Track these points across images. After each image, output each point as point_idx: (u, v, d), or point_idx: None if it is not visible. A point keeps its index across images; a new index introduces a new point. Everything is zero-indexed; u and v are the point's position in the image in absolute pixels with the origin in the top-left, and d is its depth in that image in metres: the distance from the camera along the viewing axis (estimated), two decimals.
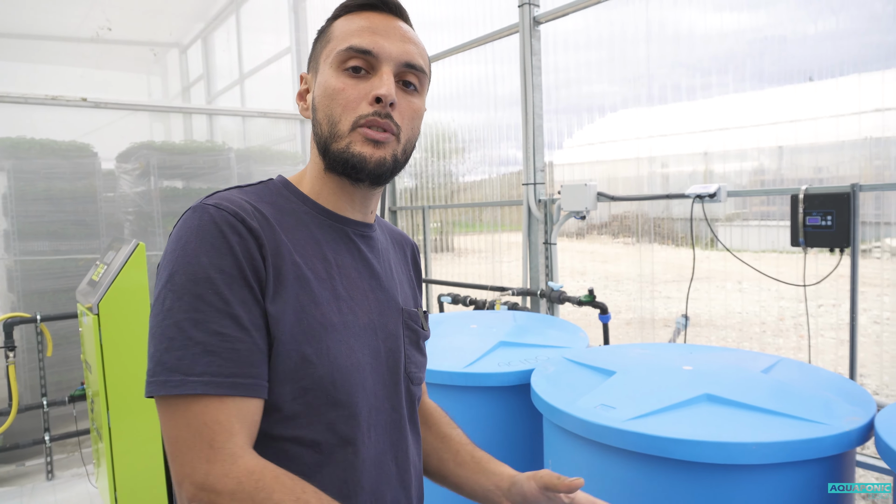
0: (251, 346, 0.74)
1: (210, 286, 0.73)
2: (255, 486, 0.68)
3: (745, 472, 1.34)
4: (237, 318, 0.74)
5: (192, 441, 0.70)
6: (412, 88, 0.89)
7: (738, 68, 3.02)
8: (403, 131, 0.88)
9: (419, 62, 0.89)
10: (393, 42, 0.86)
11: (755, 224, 3.20)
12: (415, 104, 0.90)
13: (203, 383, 0.70)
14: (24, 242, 4.01)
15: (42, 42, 4.60)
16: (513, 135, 4.32)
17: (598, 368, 1.86)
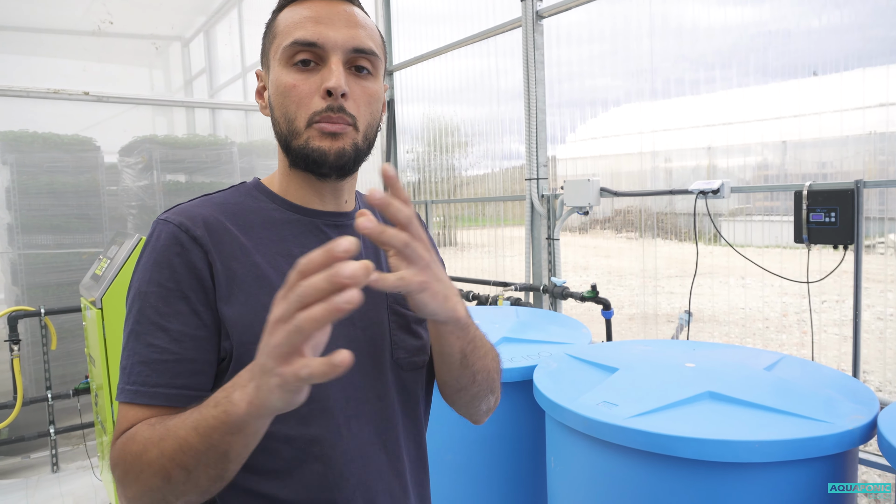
0: (181, 357, 0.78)
1: (148, 300, 0.79)
2: (125, 440, 0.75)
3: (748, 470, 1.34)
4: (169, 331, 0.78)
5: (116, 431, 0.78)
6: (366, 72, 0.86)
7: (741, 63, 3.00)
8: (360, 118, 0.85)
9: (369, 45, 0.85)
10: (338, 29, 0.84)
11: (759, 219, 3.19)
12: (370, 88, 0.87)
13: (131, 392, 0.77)
14: (27, 236, 4.02)
15: (44, 35, 4.59)
16: (516, 129, 4.31)
17: (601, 365, 1.86)
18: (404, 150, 5.60)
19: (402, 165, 5.62)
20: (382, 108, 0.92)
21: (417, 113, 5.42)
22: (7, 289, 4.23)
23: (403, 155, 5.61)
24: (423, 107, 5.34)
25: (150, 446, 0.71)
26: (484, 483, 2.08)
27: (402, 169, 5.63)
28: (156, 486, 0.70)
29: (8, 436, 3.77)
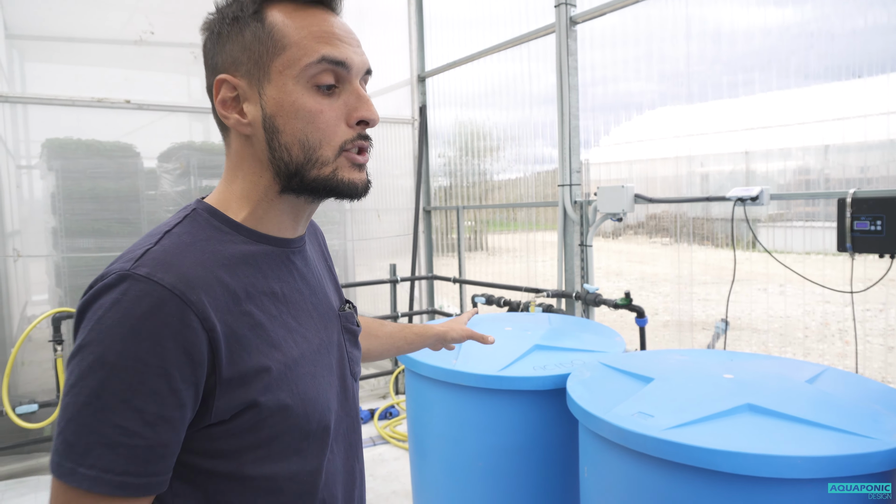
0: (153, 443, 0.67)
1: (117, 374, 0.66)
2: None
3: (789, 486, 1.30)
4: (142, 413, 0.66)
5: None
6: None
7: (781, 65, 2.93)
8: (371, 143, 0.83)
9: (370, 65, 0.81)
10: (356, 50, 0.78)
11: (799, 225, 3.11)
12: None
13: (90, 479, 0.65)
14: (70, 240, 4.15)
15: (89, 45, 4.74)
16: (548, 133, 4.29)
17: (636, 375, 1.83)
18: (436, 155, 5.62)
19: (434, 170, 5.64)
20: None
21: (449, 118, 5.44)
22: (51, 290, 4.37)
23: (435, 159, 5.63)
24: (455, 111, 5.35)
25: None
26: (515, 491, 2.07)
27: (433, 174, 5.65)
28: None
29: (51, 433, 3.88)
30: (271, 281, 0.81)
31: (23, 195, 4.45)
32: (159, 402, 0.67)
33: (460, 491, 2.15)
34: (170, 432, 0.69)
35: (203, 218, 0.80)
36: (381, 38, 5.62)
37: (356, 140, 0.78)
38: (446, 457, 2.19)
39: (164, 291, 0.68)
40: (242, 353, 0.73)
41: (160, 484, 0.69)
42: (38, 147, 4.27)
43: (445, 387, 2.12)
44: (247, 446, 0.75)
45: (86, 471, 0.65)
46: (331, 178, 0.78)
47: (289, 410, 0.77)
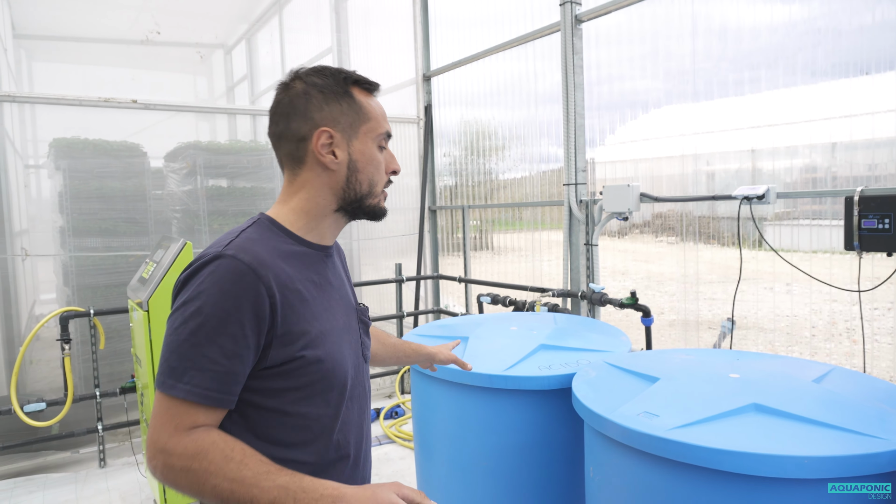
0: (228, 370, 0.97)
1: (210, 320, 0.96)
2: (196, 449, 0.94)
3: (795, 486, 1.30)
4: (223, 348, 0.96)
5: (165, 421, 0.96)
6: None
7: (788, 62, 2.91)
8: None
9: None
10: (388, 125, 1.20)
11: (806, 224, 3.09)
12: None
13: (185, 391, 0.95)
14: (78, 239, 4.17)
15: (96, 45, 4.76)
16: (553, 132, 4.28)
17: (641, 374, 1.83)
18: (441, 154, 5.62)
19: (439, 169, 5.64)
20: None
21: (454, 117, 5.44)
22: (59, 290, 4.40)
23: (440, 159, 5.63)
24: (460, 111, 5.34)
25: (221, 480, 0.92)
26: (520, 491, 2.07)
27: (438, 173, 5.65)
28: (210, 501, 0.93)
29: (59, 431, 3.91)
30: (311, 273, 1.12)
31: (31, 194, 4.48)
32: (235, 342, 0.97)
33: (466, 490, 2.16)
34: (240, 365, 0.99)
35: (265, 224, 1.12)
36: (386, 37, 5.62)
37: (388, 183, 1.19)
38: (452, 456, 2.19)
39: (245, 266, 0.99)
40: (293, 318, 1.04)
41: (231, 402, 1.00)
42: (45, 147, 4.29)
43: (451, 386, 2.12)
44: (288, 388, 1.05)
45: (182, 385, 0.95)
46: (377, 206, 1.18)
47: (322, 364, 1.07)
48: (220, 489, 0.92)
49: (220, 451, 0.94)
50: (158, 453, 0.95)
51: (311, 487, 0.91)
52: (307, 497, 0.90)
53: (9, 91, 4.05)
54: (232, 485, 0.91)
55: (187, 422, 0.96)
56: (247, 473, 0.92)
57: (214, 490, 0.92)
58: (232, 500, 0.92)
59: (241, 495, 0.91)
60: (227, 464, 0.93)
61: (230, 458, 0.93)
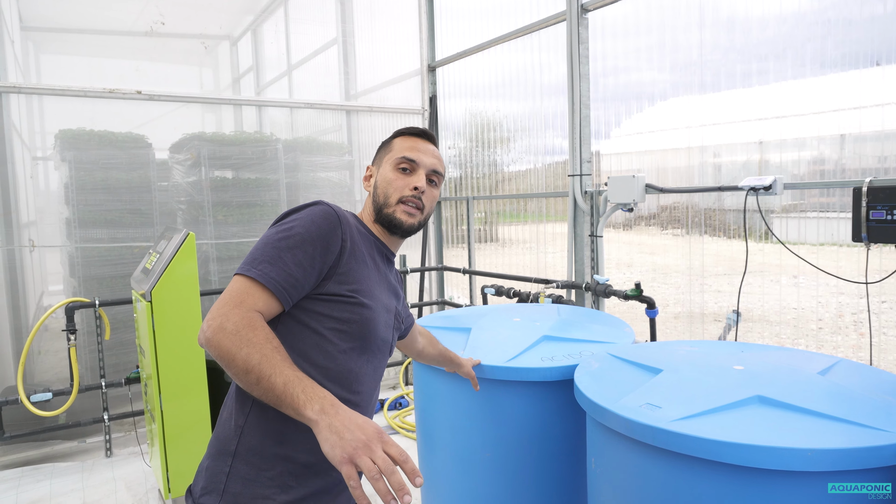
0: (293, 274, 1.20)
1: (296, 235, 1.22)
2: (249, 322, 1.10)
3: (800, 479, 1.28)
4: (295, 257, 1.20)
5: (234, 296, 1.15)
6: (433, 184, 1.47)
7: (797, 53, 2.88)
8: (426, 208, 1.45)
9: (440, 169, 1.48)
10: (427, 157, 1.45)
11: (814, 216, 3.06)
12: (434, 193, 1.48)
13: (258, 273, 1.17)
14: (84, 230, 4.19)
15: (101, 37, 4.76)
16: (559, 124, 4.25)
17: (645, 366, 1.82)
18: (446, 146, 5.60)
19: (444, 161, 5.61)
20: (434, 202, 1.50)
21: (459, 108, 5.41)
22: (65, 280, 4.42)
23: (445, 150, 5.61)
24: (466, 102, 5.32)
25: (256, 352, 1.06)
26: (522, 482, 2.06)
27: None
28: (237, 367, 1.07)
29: (65, 421, 3.94)
30: (374, 255, 1.40)
31: (38, 186, 4.49)
32: (306, 257, 1.21)
33: (468, 481, 2.15)
34: (303, 276, 1.21)
35: (355, 217, 1.42)
36: (391, 27, 5.59)
37: (409, 197, 1.41)
38: (454, 447, 2.19)
39: (334, 213, 1.28)
40: (354, 266, 1.30)
41: (287, 301, 1.21)
42: (51, 138, 4.30)
43: (453, 377, 2.12)
44: (331, 317, 1.27)
45: (255, 270, 1.18)
46: (391, 215, 1.41)
47: (366, 309, 1.30)
48: (251, 358, 1.06)
49: (266, 333, 1.10)
50: (218, 317, 1.11)
51: (320, 388, 1.03)
52: (312, 391, 1.02)
53: (16, 82, 4.06)
54: (262, 358, 1.05)
55: (250, 302, 1.15)
56: (277, 357, 1.07)
57: (247, 357, 1.06)
58: (255, 370, 1.05)
59: (264, 369, 1.04)
60: (266, 343, 1.08)
61: (270, 340, 1.09)
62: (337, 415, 0.98)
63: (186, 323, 2.95)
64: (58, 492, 3.41)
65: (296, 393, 1.01)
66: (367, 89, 5.60)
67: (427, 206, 1.45)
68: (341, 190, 5.28)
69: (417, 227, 1.45)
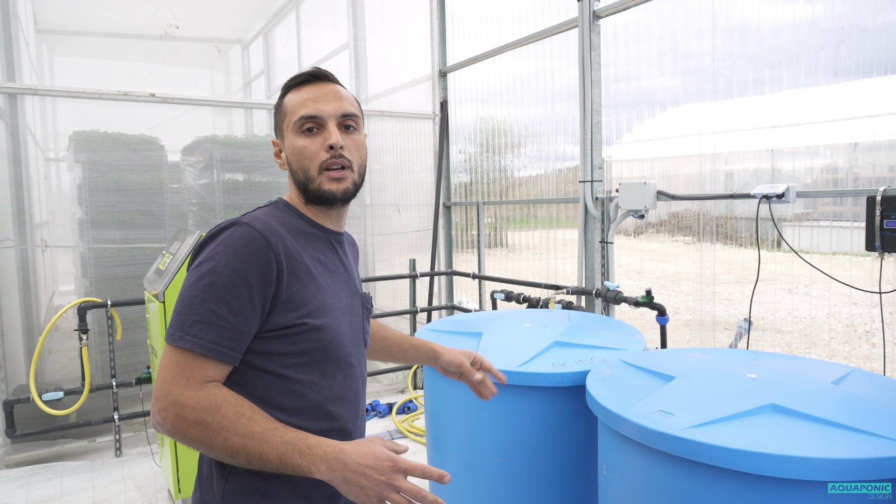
0: (234, 327, 1.04)
1: (220, 279, 1.04)
2: (209, 404, 0.99)
3: (813, 488, 1.28)
4: (230, 306, 1.03)
5: (176, 373, 1.01)
6: (352, 129, 1.23)
7: (811, 60, 2.87)
8: (354, 161, 1.22)
9: (351, 110, 1.23)
10: (329, 104, 1.20)
11: (826, 225, 3.04)
12: (357, 139, 1.24)
13: (192, 342, 1.01)
14: (96, 231, 4.22)
15: (115, 40, 4.81)
16: (569, 130, 4.25)
17: (657, 373, 1.82)
18: (456, 151, 5.61)
19: (455, 166, 5.63)
20: (366, 149, 1.29)
21: (470, 114, 5.42)
22: (77, 281, 4.45)
23: (455, 156, 5.62)
24: (476, 108, 5.33)
25: (233, 434, 0.98)
26: (532, 487, 2.06)
27: (453, 170, 5.64)
28: (218, 453, 0.99)
29: (76, 420, 3.97)
30: (319, 253, 1.22)
31: (51, 187, 4.54)
32: (242, 301, 1.04)
33: (478, 486, 2.15)
34: (245, 324, 1.05)
35: (282, 206, 1.24)
36: (402, 32, 5.62)
37: (329, 160, 1.18)
38: (464, 452, 2.19)
39: (257, 233, 1.08)
40: (297, 286, 1.11)
41: (235, 359, 1.06)
42: (65, 140, 4.34)
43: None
44: (288, 353, 1.11)
45: (190, 338, 1.01)
46: (318, 189, 1.19)
47: (322, 332, 1.14)
48: (230, 443, 0.98)
49: (233, 407, 1.00)
50: (170, 405, 0.99)
51: (315, 444, 0.98)
52: (311, 453, 0.97)
53: (31, 84, 4.11)
54: (243, 439, 0.97)
55: (198, 375, 1.02)
56: (256, 429, 0.98)
57: (225, 443, 0.98)
58: (241, 453, 0.98)
59: (251, 449, 0.97)
60: (238, 419, 0.98)
61: (241, 415, 0.99)
62: (346, 467, 0.96)
63: None
64: (68, 490, 3.43)
65: (294, 462, 0.97)
66: (378, 94, 5.62)
67: (355, 159, 1.22)
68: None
69: (355, 189, 1.23)
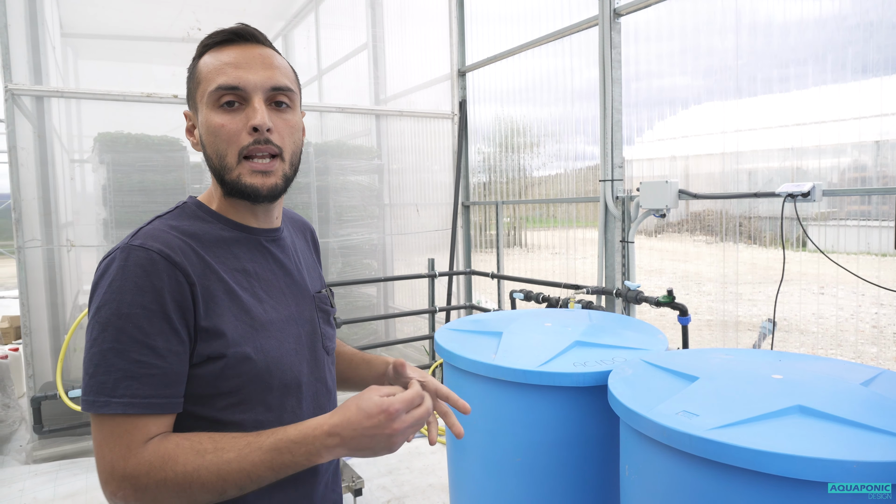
0: (167, 370, 0.86)
1: (130, 321, 0.85)
2: (161, 459, 0.83)
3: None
4: (154, 349, 0.85)
5: (113, 445, 0.83)
6: (284, 106, 0.98)
7: (837, 57, 2.82)
8: (286, 148, 0.98)
9: (284, 83, 0.98)
10: (256, 72, 0.95)
11: (853, 224, 2.99)
12: (290, 120, 0.99)
13: (123, 404, 0.83)
14: (120, 231, 4.29)
15: (137, 42, 4.88)
16: (589, 129, 4.23)
17: (680, 373, 1.79)
18: (475, 151, 5.61)
19: (473, 166, 5.63)
20: (303, 133, 1.05)
21: (488, 114, 5.42)
22: None
23: (474, 156, 5.62)
24: (494, 108, 5.32)
25: (204, 473, 0.82)
26: (553, 488, 2.05)
27: (472, 170, 5.64)
28: (199, 499, 0.83)
29: None
30: (244, 261, 1.00)
31: (76, 188, 4.62)
32: (166, 338, 0.86)
33: (498, 486, 2.15)
34: (178, 363, 0.87)
35: (190, 209, 1.01)
36: (421, 32, 5.63)
37: (252, 145, 0.94)
38: (484, 451, 2.19)
39: (155, 255, 0.87)
40: (216, 310, 0.91)
41: (177, 405, 0.88)
42: (90, 141, 4.42)
43: (484, 381, 2.11)
44: (218, 393, 0.92)
45: (118, 400, 0.83)
46: (237, 182, 0.95)
47: (251, 363, 0.93)
48: (209, 485, 0.83)
49: (190, 448, 0.84)
50: (122, 483, 0.82)
51: (299, 436, 0.85)
52: (301, 448, 0.84)
53: (57, 87, 4.18)
54: (220, 475, 0.83)
55: (139, 437, 0.84)
56: (229, 456, 0.83)
57: (203, 488, 0.83)
58: (228, 488, 0.84)
59: (235, 480, 0.83)
60: (202, 458, 0.83)
61: (203, 451, 0.84)
62: (345, 441, 0.84)
63: None
64: (93, 485, 3.48)
65: (289, 463, 0.84)
66: (397, 94, 5.64)
67: (286, 145, 0.98)
68: (371, 193, 5.32)
69: (285, 184, 0.99)
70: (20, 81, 3.95)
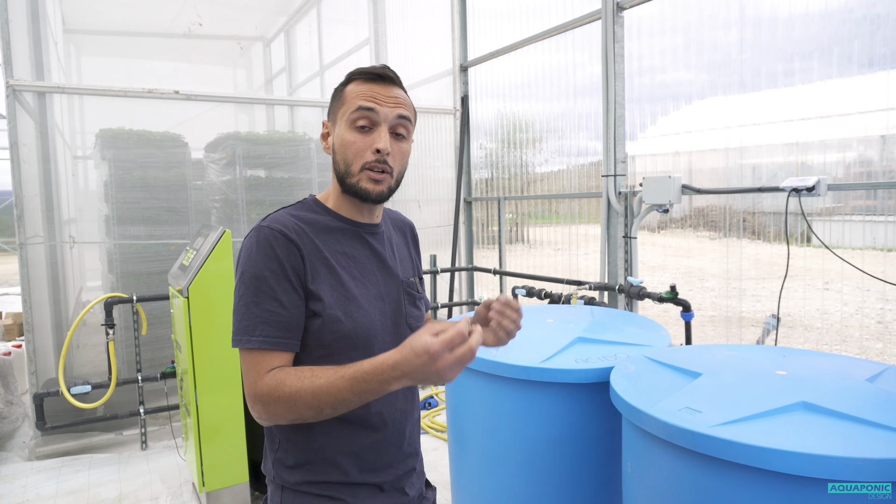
0: (290, 318, 1.15)
1: (264, 281, 1.15)
2: (277, 381, 1.10)
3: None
4: (281, 301, 1.15)
5: (250, 371, 1.14)
6: (401, 137, 1.26)
7: (843, 50, 2.79)
8: (395, 169, 1.26)
9: (406, 114, 1.26)
10: (388, 106, 1.23)
11: (858, 219, 2.96)
12: (404, 148, 1.28)
13: (259, 341, 1.14)
14: (122, 227, 4.28)
15: (139, 39, 4.87)
16: (591, 125, 4.21)
17: (683, 369, 1.78)
18: (477, 146, 5.59)
19: (475, 162, 5.61)
20: (408, 156, 1.31)
21: (491, 109, 5.39)
22: (104, 276, 4.53)
23: (476, 151, 5.59)
24: (497, 103, 5.30)
25: (304, 392, 1.07)
26: (554, 484, 2.04)
27: (474, 166, 5.62)
28: (310, 415, 1.09)
29: (103, 413, 4.04)
30: (345, 246, 1.27)
31: (78, 184, 4.62)
32: (289, 294, 1.16)
33: (499, 482, 2.14)
34: (297, 314, 1.17)
35: (308, 204, 1.31)
36: (423, 27, 5.60)
37: (373, 162, 1.22)
38: (485, 448, 2.18)
39: (277, 233, 1.18)
40: (319, 279, 1.20)
41: (296, 346, 1.17)
42: (92, 137, 4.42)
43: (486, 378, 2.10)
44: (316, 344, 1.19)
45: (256, 338, 1.14)
46: (355, 185, 1.24)
47: (341, 324, 1.19)
48: (309, 402, 1.07)
49: (294, 375, 1.09)
50: (254, 402, 1.12)
51: (371, 367, 1.03)
52: (373, 377, 1.02)
53: (59, 83, 4.18)
54: (316, 394, 1.06)
55: (265, 367, 1.13)
56: (321, 382, 1.06)
57: (306, 405, 1.07)
58: (323, 406, 1.07)
59: (326, 400, 1.06)
60: (302, 382, 1.08)
61: (303, 377, 1.08)
62: (405, 375, 1.00)
63: (222, 319, 2.99)
64: (96, 482, 3.49)
65: (367, 390, 1.04)
66: None
67: (396, 166, 1.26)
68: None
69: (389, 193, 1.27)
70: (22, 77, 3.94)
